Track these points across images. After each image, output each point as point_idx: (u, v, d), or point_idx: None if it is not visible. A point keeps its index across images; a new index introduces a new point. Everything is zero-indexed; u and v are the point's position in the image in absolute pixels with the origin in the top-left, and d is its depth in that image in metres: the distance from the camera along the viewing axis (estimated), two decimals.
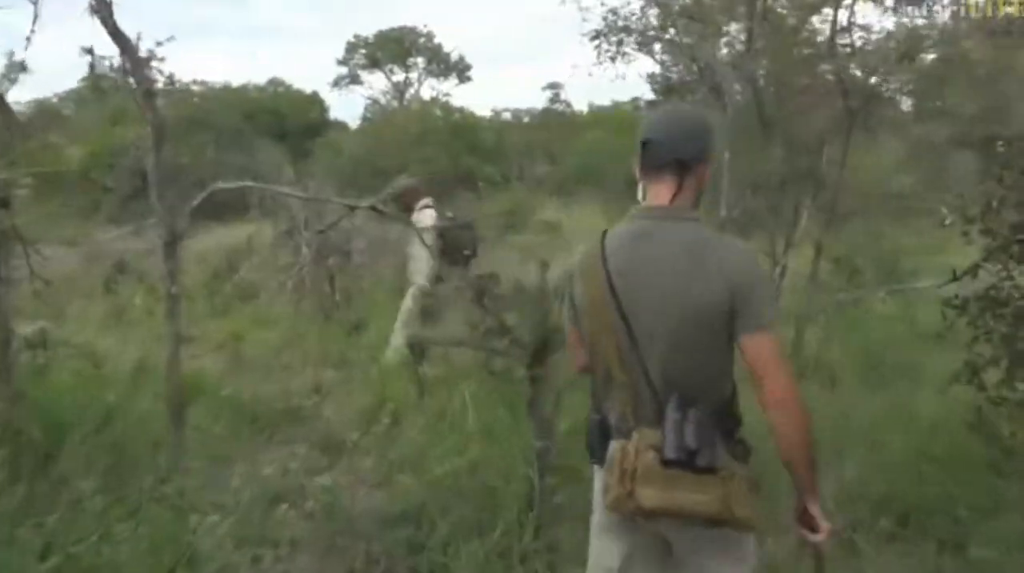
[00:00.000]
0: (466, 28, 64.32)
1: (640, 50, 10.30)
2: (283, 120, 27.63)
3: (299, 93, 32.05)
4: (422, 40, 44.72)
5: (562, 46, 55.63)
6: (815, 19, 7.95)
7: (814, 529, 1.91)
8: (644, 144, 2.01)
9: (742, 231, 8.05)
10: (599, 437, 2.00)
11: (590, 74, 18.78)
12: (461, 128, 27.58)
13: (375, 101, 44.57)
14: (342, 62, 45.45)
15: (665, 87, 9.42)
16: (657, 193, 2.00)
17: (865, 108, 7.19)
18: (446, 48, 44.16)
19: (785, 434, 1.84)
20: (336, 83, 45.49)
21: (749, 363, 1.87)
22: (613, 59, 9.29)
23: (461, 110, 31.45)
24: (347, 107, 75.49)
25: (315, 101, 31.78)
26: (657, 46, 9.33)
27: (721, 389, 1.97)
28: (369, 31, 45.82)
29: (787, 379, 1.84)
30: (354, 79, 46.09)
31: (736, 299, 1.86)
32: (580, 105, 37.03)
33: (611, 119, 23.32)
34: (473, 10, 64.92)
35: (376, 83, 45.58)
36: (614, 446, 1.87)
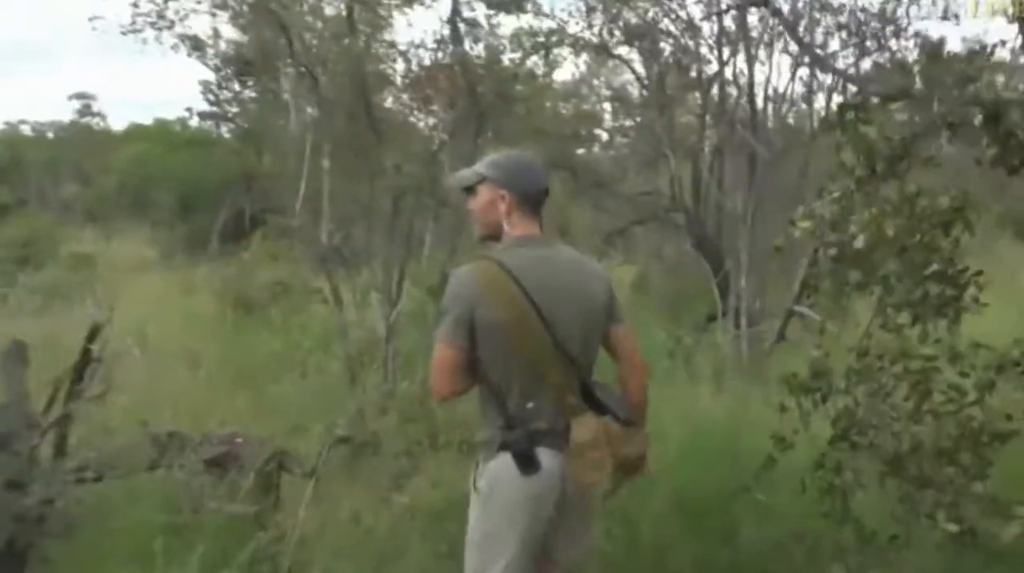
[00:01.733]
0: None
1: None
2: None
3: None
4: None
5: (92, 53, 48.62)
6: None
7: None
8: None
9: (347, 265, 6.25)
10: (529, 448, 2.18)
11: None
12: None
13: None
14: None
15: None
16: (531, 225, 2.33)
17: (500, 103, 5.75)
18: None
19: (644, 388, 2.41)
20: None
21: (620, 342, 2.38)
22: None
23: None
24: None
25: None
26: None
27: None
28: None
29: (640, 354, 2.44)
30: None
31: (610, 298, 2.35)
32: (118, 121, 32.26)
33: (154, 134, 19.93)
34: None
35: None
36: (582, 429, 2.19)
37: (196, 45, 9.43)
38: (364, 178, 6.19)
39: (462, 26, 5.98)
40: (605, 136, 13.41)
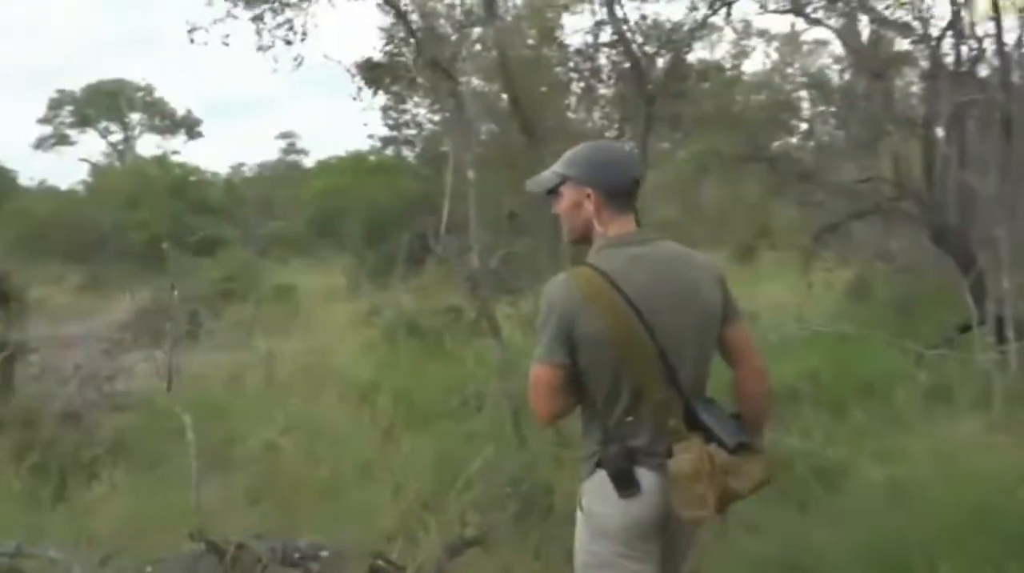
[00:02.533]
0: (188, 81, 58.53)
1: None
2: None
3: None
4: (139, 94, 40.53)
5: (297, 95, 52.63)
6: None
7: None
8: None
9: (504, 290, 5.46)
10: (626, 467, 2.02)
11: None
12: (183, 186, 25.15)
13: (93, 163, 39.14)
14: (44, 120, 40.27)
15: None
16: (625, 221, 2.10)
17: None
18: (169, 102, 40.09)
19: (765, 398, 2.18)
20: (39, 145, 40.16)
21: (736, 345, 2.13)
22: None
23: (183, 166, 28.82)
24: (59, 171, 66.59)
25: None
26: None
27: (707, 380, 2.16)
28: (73, 85, 40.50)
29: (762, 356, 2.19)
30: (61, 139, 40.99)
31: (723, 295, 2.09)
32: (320, 154, 34.36)
33: (346, 165, 20.66)
34: (190, 63, 59.69)
35: (91, 143, 40.47)
36: (682, 458, 1.94)
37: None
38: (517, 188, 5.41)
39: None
40: (804, 126, 12.02)
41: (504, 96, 5.07)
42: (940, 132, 7.73)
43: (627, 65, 5.12)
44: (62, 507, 4.13)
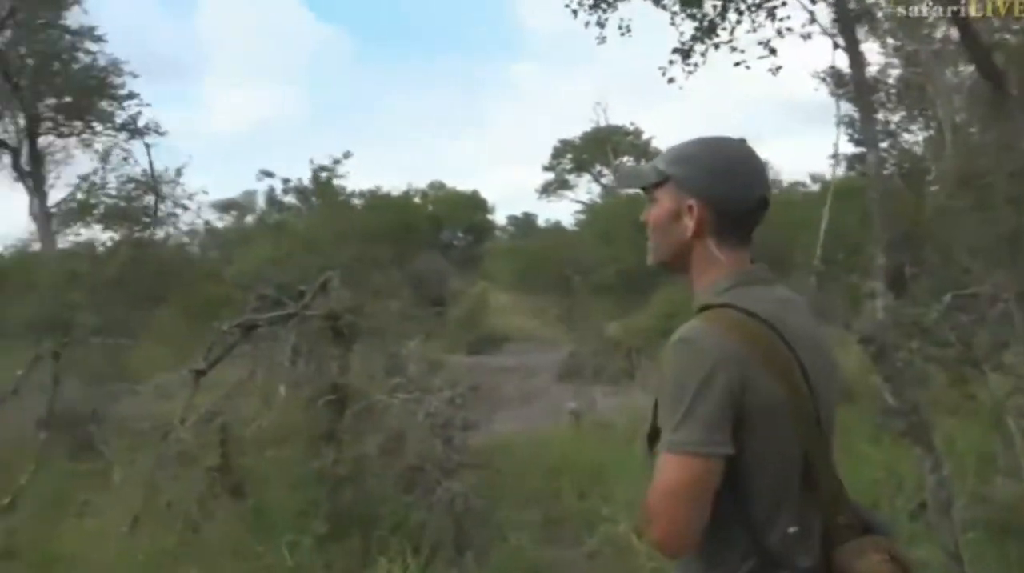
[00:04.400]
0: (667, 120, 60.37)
1: None
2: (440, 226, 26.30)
3: (458, 194, 31.11)
4: (629, 138, 43.06)
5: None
6: None
7: None
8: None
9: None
10: None
11: None
12: None
13: (586, 204, 42.80)
14: (548, 168, 45.17)
15: None
16: (740, 254, 1.59)
17: None
18: (656, 144, 41.91)
19: None
20: (544, 190, 45.15)
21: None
22: None
23: None
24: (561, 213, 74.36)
25: (477, 202, 30.67)
26: None
27: None
28: (569, 133, 44.72)
29: None
30: (562, 184, 45.68)
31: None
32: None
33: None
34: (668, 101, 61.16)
35: (586, 187, 44.26)
36: (871, 562, 1.46)
37: None
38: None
39: None
40: None
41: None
42: None
43: None
44: None
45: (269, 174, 22.13)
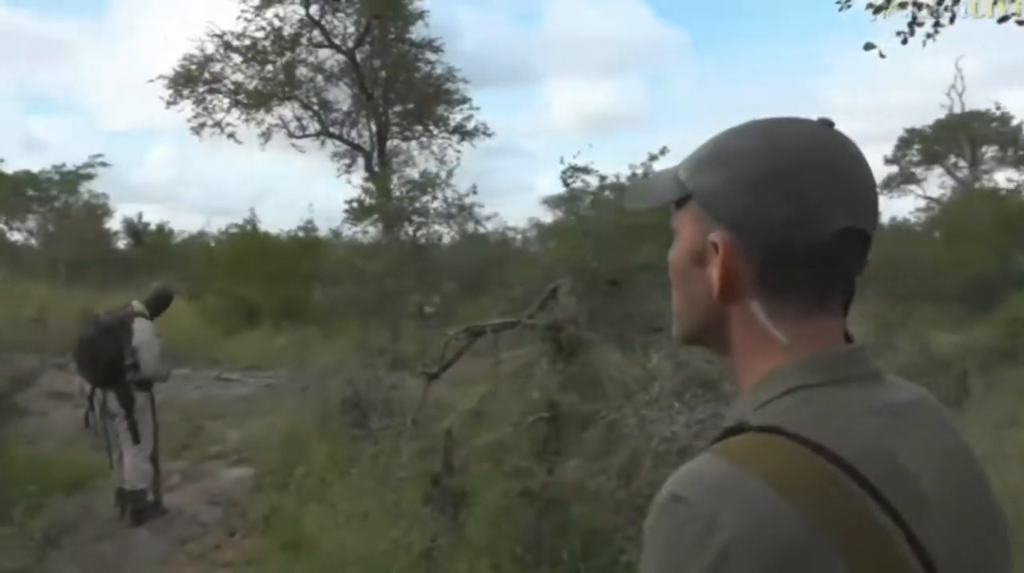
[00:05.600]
0: None
1: None
2: None
3: None
4: (993, 125, 37.40)
5: None
6: None
7: None
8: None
9: None
10: None
11: None
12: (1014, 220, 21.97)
13: (933, 200, 38.03)
14: (891, 160, 40.91)
15: None
16: (827, 325, 0.92)
17: None
18: None
19: None
20: (887, 185, 41.05)
21: None
22: None
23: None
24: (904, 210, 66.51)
25: None
26: None
27: None
28: (917, 122, 39.98)
29: None
30: (907, 178, 41.15)
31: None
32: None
33: None
34: None
35: (937, 180, 39.62)
36: None
37: None
38: None
39: None
40: None
41: None
42: None
43: None
44: None
45: (585, 170, 22.49)
